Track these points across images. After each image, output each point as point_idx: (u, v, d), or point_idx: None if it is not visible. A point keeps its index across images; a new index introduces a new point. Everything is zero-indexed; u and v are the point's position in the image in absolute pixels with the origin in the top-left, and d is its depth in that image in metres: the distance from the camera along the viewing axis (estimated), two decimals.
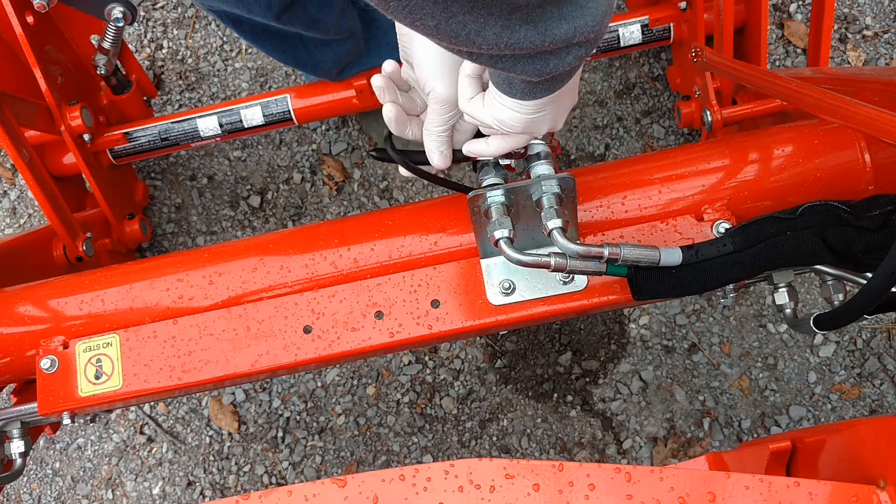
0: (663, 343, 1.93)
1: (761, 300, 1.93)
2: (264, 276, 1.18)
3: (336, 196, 2.09)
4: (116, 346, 1.17)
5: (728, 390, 1.89)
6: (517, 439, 1.91)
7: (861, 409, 1.86)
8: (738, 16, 1.71)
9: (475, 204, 1.03)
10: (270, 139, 2.14)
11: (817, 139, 1.16)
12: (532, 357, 1.95)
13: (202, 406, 2.00)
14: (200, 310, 1.18)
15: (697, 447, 1.86)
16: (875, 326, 1.90)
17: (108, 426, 2.02)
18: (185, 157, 2.15)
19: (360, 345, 1.13)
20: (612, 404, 1.91)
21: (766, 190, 1.15)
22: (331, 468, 1.94)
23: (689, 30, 1.79)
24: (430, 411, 1.94)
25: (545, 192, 1.01)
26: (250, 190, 2.12)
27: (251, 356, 1.15)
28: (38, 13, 1.64)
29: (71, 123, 1.74)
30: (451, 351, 1.97)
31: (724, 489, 0.69)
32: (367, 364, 1.98)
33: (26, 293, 1.27)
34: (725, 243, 1.03)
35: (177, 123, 1.86)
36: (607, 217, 1.15)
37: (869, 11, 2.10)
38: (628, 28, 1.80)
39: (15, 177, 2.19)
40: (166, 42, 2.23)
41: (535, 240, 1.11)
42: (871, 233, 1.03)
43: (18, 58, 1.72)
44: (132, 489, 1.97)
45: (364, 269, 1.18)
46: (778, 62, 2.08)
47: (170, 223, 2.11)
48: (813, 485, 0.69)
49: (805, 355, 1.90)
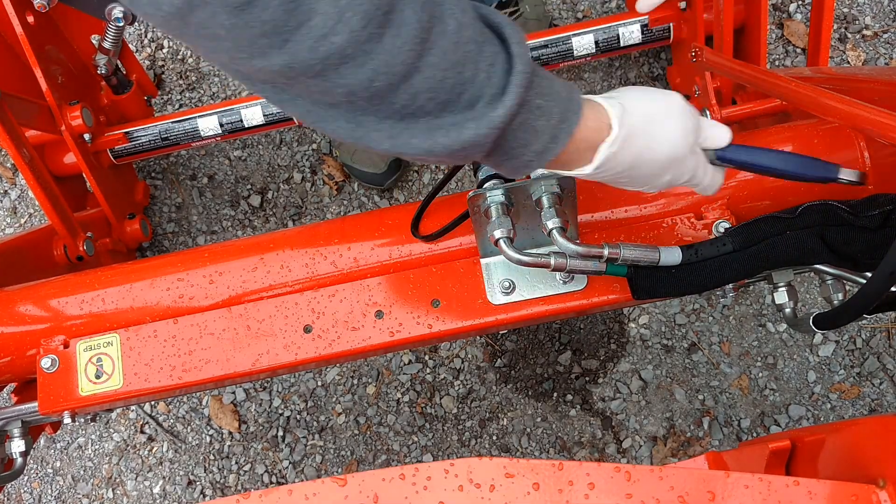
0: (663, 342, 1.93)
1: (761, 299, 1.93)
2: (265, 276, 1.19)
3: (336, 195, 2.09)
4: (117, 345, 1.17)
5: (728, 389, 1.89)
6: (517, 438, 1.91)
7: (860, 409, 1.86)
8: (737, 16, 1.71)
9: (475, 204, 1.03)
10: (271, 139, 2.14)
11: (817, 139, 1.16)
12: (532, 356, 1.95)
13: (203, 405, 2.00)
14: (201, 309, 1.18)
15: (697, 446, 1.87)
16: (874, 326, 1.90)
17: (108, 425, 2.02)
18: (186, 156, 2.15)
19: (360, 344, 1.13)
20: (612, 403, 1.91)
21: (765, 189, 1.15)
22: (331, 467, 1.94)
23: (688, 30, 1.79)
24: (430, 410, 1.94)
25: (545, 192, 1.01)
26: (251, 189, 2.12)
27: (251, 355, 1.15)
28: (38, 13, 1.64)
29: (71, 123, 1.74)
30: (452, 350, 1.97)
31: (723, 488, 0.69)
32: (368, 363, 1.98)
33: (27, 292, 1.27)
34: (725, 243, 1.03)
35: (177, 123, 1.86)
36: (607, 217, 1.15)
37: (868, 11, 2.10)
38: (628, 28, 1.80)
39: (16, 176, 2.19)
40: (167, 42, 2.23)
41: (535, 239, 1.11)
42: (871, 232, 1.03)
43: (19, 57, 1.72)
44: (133, 488, 1.97)
45: (364, 268, 1.18)
46: (778, 62, 2.08)
47: (170, 223, 2.11)
48: (812, 484, 0.69)
49: (804, 355, 1.90)
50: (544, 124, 0.77)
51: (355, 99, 0.70)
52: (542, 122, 0.77)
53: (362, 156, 2.01)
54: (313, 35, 0.64)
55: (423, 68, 0.69)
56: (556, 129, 0.78)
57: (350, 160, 2.03)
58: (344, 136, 0.75)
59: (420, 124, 0.73)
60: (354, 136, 0.74)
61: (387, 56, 0.67)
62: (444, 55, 0.70)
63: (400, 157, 0.77)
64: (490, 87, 0.72)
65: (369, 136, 0.73)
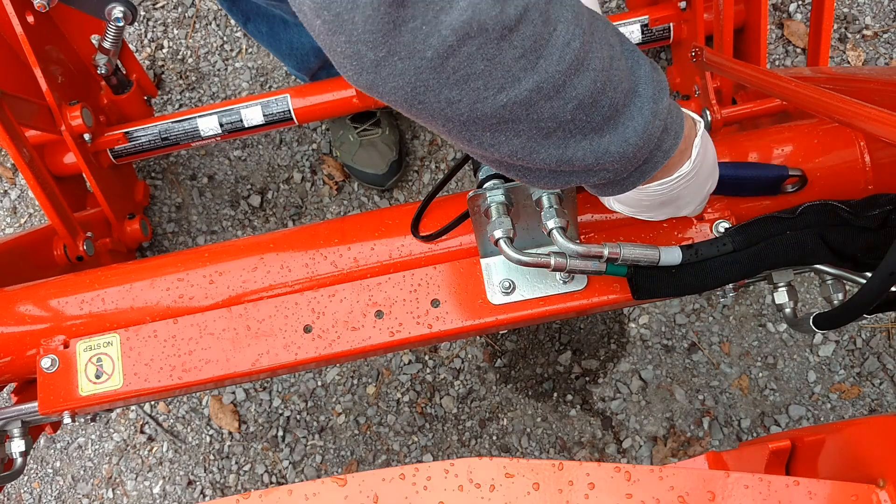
0: (663, 342, 1.93)
1: (761, 299, 1.93)
2: (265, 276, 1.19)
3: (336, 195, 2.09)
4: (117, 345, 1.17)
5: (728, 389, 1.89)
6: (517, 438, 1.91)
7: (860, 409, 1.86)
8: (737, 15, 1.71)
9: (475, 203, 1.03)
10: (270, 139, 2.14)
11: (817, 139, 1.16)
12: (532, 356, 1.95)
13: (202, 405, 2.00)
14: (201, 309, 1.18)
15: (697, 446, 1.87)
16: (875, 326, 1.90)
17: (108, 425, 2.02)
18: (186, 156, 2.15)
19: (360, 344, 1.13)
20: (612, 403, 1.91)
21: None
22: (331, 467, 1.94)
23: (688, 29, 1.79)
24: (430, 410, 1.94)
25: (545, 192, 1.01)
26: (250, 189, 2.12)
27: (251, 355, 1.15)
28: (38, 13, 1.64)
29: (71, 123, 1.74)
30: (452, 350, 1.97)
31: (723, 488, 0.69)
32: (368, 363, 1.98)
33: (27, 292, 1.27)
34: (725, 242, 1.03)
35: (177, 123, 1.86)
36: (607, 217, 1.15)
37: (869, 11, 2.10)
38: (628, 28, 1.81)
39: (16, 176, 2.19)
40: (166, 42, 2.23)
41: (535, 239, 1.11)
42: (871, 232, 1.03)
43: (19, 57, 1.72)
44: (133, 488, 1.97)
45: (364, 268, 1.18)
46: (778, 62, 2.08)
47: (170, 223, 2.11)
48: (812, 484, 0.69)
49: (805, 354, 1.90)
50: (675, 123, 0.82)
51: (577, 115, 0.69)
52: (675, 122, 0.82)
53: (363, 156, 2.01)
54: (559, 43, 0.62)
55: (613, 60, 0.70)
56: (678, 129, 0.83)
57: (351, 161, 2.03)
58: (552, 163, 0.74)
59: (612, 127, 0.73)
60: (563, 159, 0.73)
61: (597, 51, 0.66)
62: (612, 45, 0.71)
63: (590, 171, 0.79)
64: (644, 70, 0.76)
65: (575, 156, 0.73)
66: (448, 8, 0.55)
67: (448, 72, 0.60)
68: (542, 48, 0.61)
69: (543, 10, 0.60)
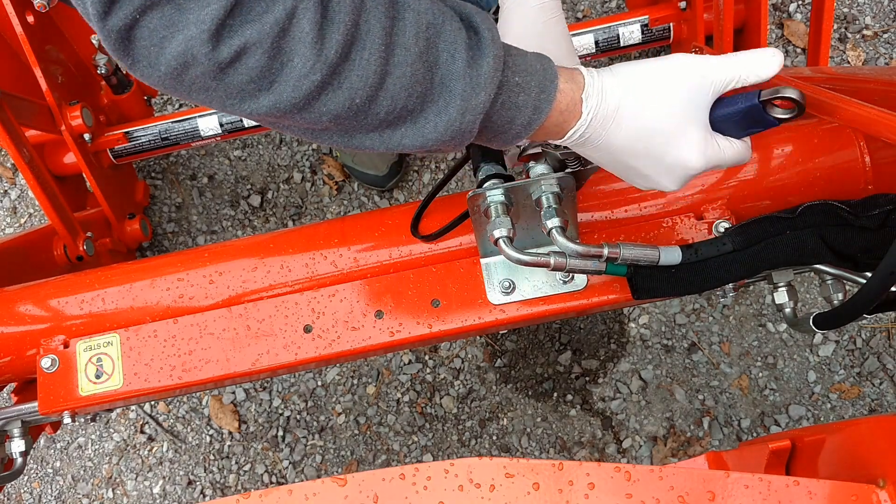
0: (663, 342, 1.93)
1: (761, 299, 1.93)
2: (265, 276, 1.19)
3: (336, 195, 2.09)
4: (117, 345, 1.17)
5: (728, 389, 1.89)
6: (517, 438, 1.91)
7: (860, 409, 1.86)
8: (737, 15, 1.71)
9: (475, 203, 1.03)
10: (271, 138, 2.14)
11: (817, 139, 1.16)
12: (532, 356, 1.95)
13: (203, 405, 2.00)
14: (201, 309, 1.18)
15: (697, 446, 1.87)
16: (874, 326, 1.90)
17: (108, 425, 2.02)
18: (186, 156, 2.15)
19: (360, 344, 1.13)
20: (612, 403, 1.91)
21: (765, 189, 1.15)
22: (331, 467, 1.94)
23: (688, 29, 1.79)
24: (430, 410, 1.94)
25: (544, 192, 1.01)
26: (251, 189, 2.12)
27: (251, 355, 1.15)
28: (38, 13, 1.63)
29: (71, 123, 1.74)
30: (451, 350, 1.97)
31: (723, 488, 0.69)
32: (368, 363, 1.98)
33: (27, 292, 1.27)
34: (725, 242, 1.03)
35: (177, 123, 1.86)
36: (607, 217, 1.15)
37: (869, 11, 2.10)
38: (628, 28, 1.80)
39: (16, 176, 2.20)
40: None
41: (535, 239, 1.11)
42: (871, 232, 1.03)
43: (19, 57, 1.72)
44: (133, 488, 1.97)
45: (364, 268, 1.18)
46: None
47: (170, 223, 2.11)
48: (812, 484, 0.69)
49: (804, 354, 1.90)
50: (525, 99, 0.81)
51: (341, 121, 0.75)
52: (523, 98, 0.80)
53: (363, 158, 2.01)
54: (295, 75, 0.70)
55: (392, 69, 0.73)
56: (537, 101, 0.81)
57: (351, 162, 2.03)
58: (342, 147, 0.80)
59: (407, 124, 0.77)
60: (351, 146, 0.79)
61: (359, 71, 0.72)
62: (408, 50, 0.74)
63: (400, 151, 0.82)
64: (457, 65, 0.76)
65: (363, 144, 0.79)
66: (170, 38, 0.67)
67: (186, 84, 0.70)
68: (276, 75, 0.70)
69: (269, 48, 0.68)
